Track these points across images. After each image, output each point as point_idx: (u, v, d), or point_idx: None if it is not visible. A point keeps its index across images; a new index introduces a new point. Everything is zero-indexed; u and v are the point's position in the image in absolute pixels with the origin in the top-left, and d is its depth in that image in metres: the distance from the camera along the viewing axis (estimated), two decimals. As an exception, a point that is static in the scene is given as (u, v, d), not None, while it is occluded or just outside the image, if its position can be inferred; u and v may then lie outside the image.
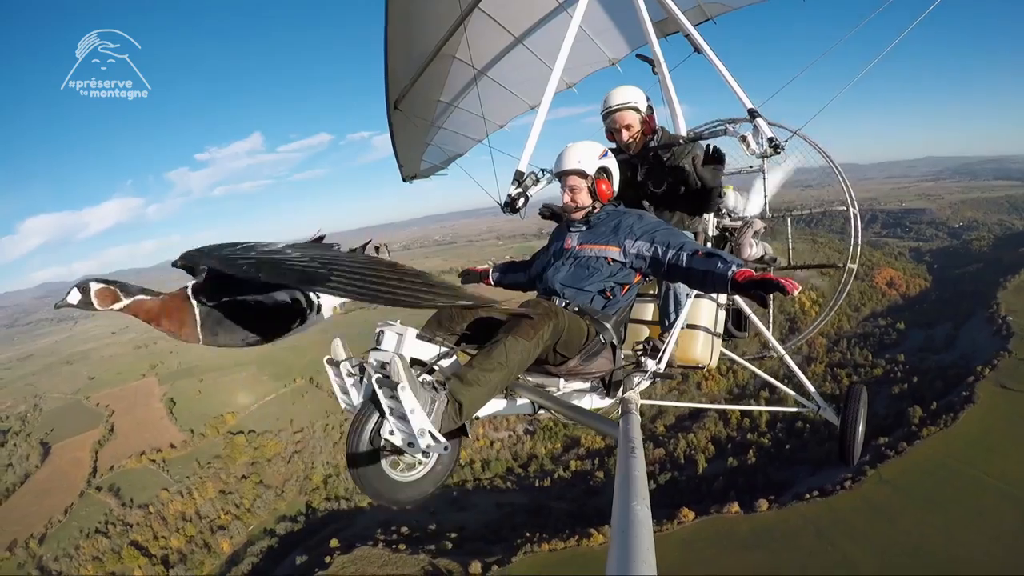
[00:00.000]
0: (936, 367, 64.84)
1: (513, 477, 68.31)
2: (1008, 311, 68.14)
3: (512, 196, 4.11)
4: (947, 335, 73.22)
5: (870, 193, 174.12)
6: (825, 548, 37.42)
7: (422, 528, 55.32)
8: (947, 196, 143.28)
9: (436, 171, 7.78)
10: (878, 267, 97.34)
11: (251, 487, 67.06)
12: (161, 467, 69.24)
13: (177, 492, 65.17)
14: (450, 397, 2.01)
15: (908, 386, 62.65)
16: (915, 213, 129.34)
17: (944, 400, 53.80)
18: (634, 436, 2.05)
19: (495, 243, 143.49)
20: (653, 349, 3.06)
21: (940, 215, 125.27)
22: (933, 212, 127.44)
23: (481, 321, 2.52)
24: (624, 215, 2.90)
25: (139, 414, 79.99)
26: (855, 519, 39.07)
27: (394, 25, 5.00)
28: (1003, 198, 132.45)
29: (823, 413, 4.17)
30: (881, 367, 70.52)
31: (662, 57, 4.57)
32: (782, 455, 57.51)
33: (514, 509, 59.62)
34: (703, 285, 2.54)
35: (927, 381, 61.25)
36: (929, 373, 63.42)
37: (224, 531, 61.74)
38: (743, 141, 3.87)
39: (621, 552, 1.17)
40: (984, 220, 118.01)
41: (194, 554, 58.85)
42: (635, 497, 1.45)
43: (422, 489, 2.29)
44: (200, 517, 62.98)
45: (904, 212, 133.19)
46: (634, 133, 3.73)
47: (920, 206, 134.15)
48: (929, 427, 48.64)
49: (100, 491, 65.72)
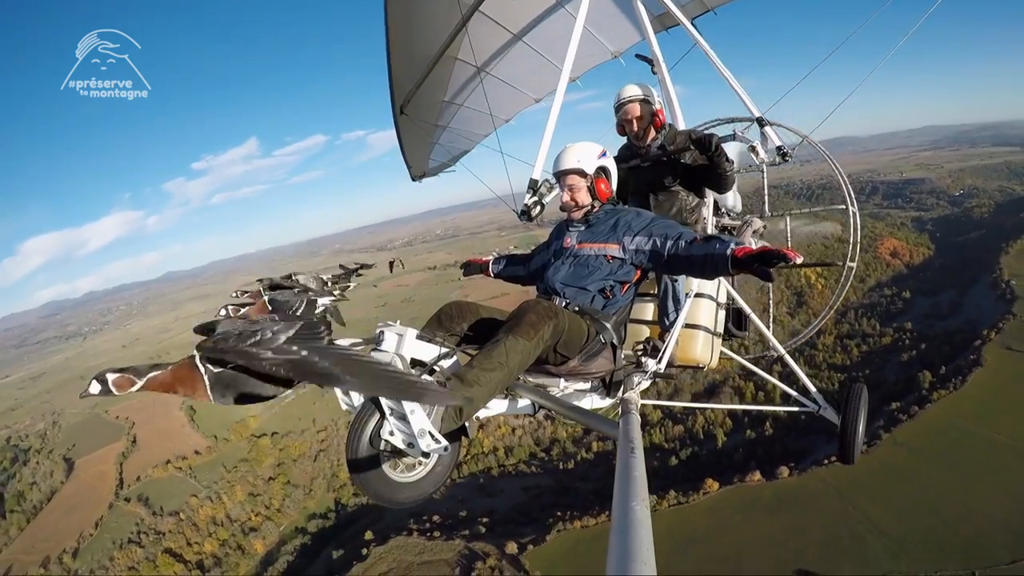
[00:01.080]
0: (943, 333, 67.11)
1: (537, 461, 70.60)
2: (1011, 275, 70.38)
3: (528, 205, 4.22)
4: (952, 301, 75.49)
5: (870, 165, 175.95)
6: (847, 508, 39.82)
7: (454, 515, 57.50)
8: (946, 165, 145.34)
9: (444, 168, 8.07)
10: (881, 238, 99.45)
11: (279, 488, 69.26)
12: (188, 474, 71.41)
13: (206, 498, 67.28)
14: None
15: (916, 353, 64.96)
16: (915, 183, 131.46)
17: (952, 364, 56.08)
18: (634, 436, 2.07)
19: (497, 234, 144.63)
20: (653, 349, 3.18)
21: (940, 184, 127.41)
22: (933, 181, 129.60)
23: (481, 321, 2.64)
24: (622, 213, 2.94)
25: (160, 424, 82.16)
26: (873, 480, 41.35)
27: (395, 32, 5.11)
28: (1002, 164, 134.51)
29: (823, 412, 4.18)
30: (889, 335, 72.89)
31: (661, 56, 4.81)
32: (799, 425, 59.55)
33: (541, 491, 62.03)
34: (705, 270, 2.51)
35: (935, 347, 63.51)
36: (936, 339, 65.71)
37: (256, 532, 63.84)
38: (752, 151, 4.17)
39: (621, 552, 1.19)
40: (984, 187, 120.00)
41: (228, 557, 60.89)
42: (635, 497, 1.48)
43: (422, 490, 2.33)
44: (231, 520, 65.12)
45: (904, 182, 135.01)
46: (644, 125, 3.89)
47: (920, 176, 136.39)
48: (939, 391, 51.01)
49: (129, 502, 67.80)
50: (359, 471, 2.13)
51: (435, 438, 1.91)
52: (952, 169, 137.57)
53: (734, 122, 4.85)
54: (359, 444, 2.11)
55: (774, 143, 4.18)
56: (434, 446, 1.91)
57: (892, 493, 40.01)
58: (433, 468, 2.36)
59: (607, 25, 5.98)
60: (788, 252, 2.03)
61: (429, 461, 2.33)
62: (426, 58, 5.50)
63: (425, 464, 2.34)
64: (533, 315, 2.29)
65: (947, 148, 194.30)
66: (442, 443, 1.92)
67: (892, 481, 40.85)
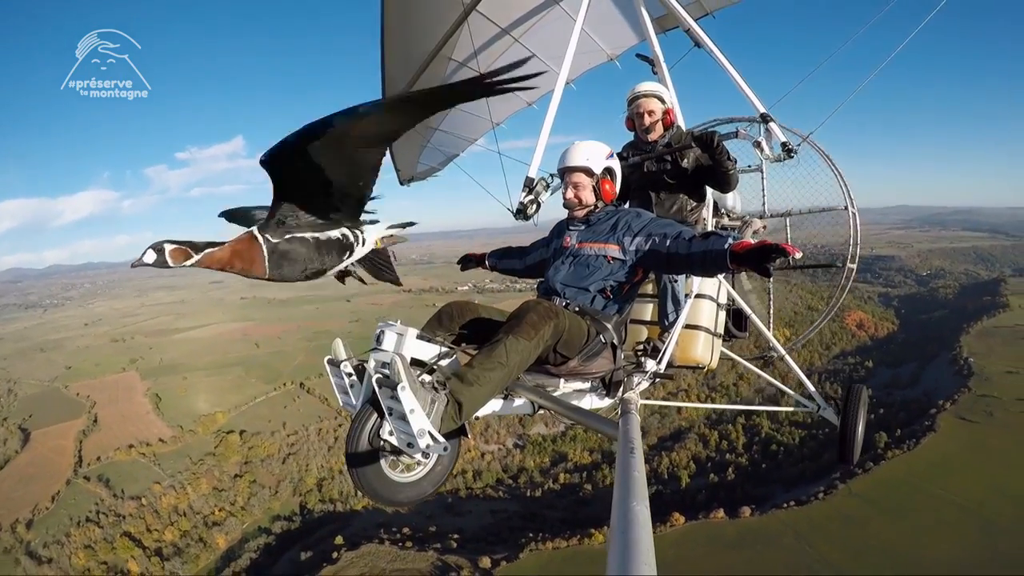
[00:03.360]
0: (901, 401, 72.38)
1: (504, 487, 72.77)
2: (970, 353, 75.60)
3: (523, 203, 4.25)
4: (912, 373, 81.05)
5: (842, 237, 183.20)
6: (804, 548, 44.34)
7: (423, 529, 59.39)
8: (916, 244, 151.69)
9: (433, 173, 8.16)
10: (848, 310, 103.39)
11: (245, 486, 70.03)
12: (152, 461, 71.70)
13: (170, 486, 67.79)
14: (450, 397, 2.07)
15: (875, 416, 69.55)
16: (885, 260, 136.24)
17: (908, 428, 61.27)
18: (634, 436, 2.11)
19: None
20: (653, 349, 3.34)
21: (909, 263, 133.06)
22: (902, 259, 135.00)
23: (481, 321, 2.70)
24: (622, 213, 2.99)
25: (123, 407, 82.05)
26: (829, 525, 46.06)
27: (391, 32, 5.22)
28: (970, 248, 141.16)
29: (823, 413, 4.30)
30: None
31: (661, 56, 4.86)
32: (759, 474, 64.04)
33: (509, 515, 64.26)
34: (705, 266, 2.55)
35: (892, 412, 68.42)
36: (894, 406, 70.81)
37: (219, 527, 64.44)
38: (757, 147, 4.19)
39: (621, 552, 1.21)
40: (951, 269, 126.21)
41: (189, 548, 61.39)
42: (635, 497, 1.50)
43: (421, 490, 2.39)
44: (194, 512, 65.61)
45: (874, 258, 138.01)
46: (654, 120, 3.97)
47: (890, 253, 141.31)
48: (893, 450, 55.97)
49: (89, 481, 67.68)
50: (359, 470, 2.19)
51: (435, 438, 1.94)
52: (922, 249, 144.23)
53: (734, 121, 4.97)
54: (358, 444, 2.18)
55: (779, 139, 4.23)
56: (433, 446, 1.95)
57: (846, 537, 44.55)
58: (433, 468, 2.42)
59: (604, 27, 6.13)
60: (787, 247, 2.08)
61: (429, 461, 2.39)
62: (421, 57, 5.73)
63: (425, 464, 2.39)
64: (534, 315, 2.35)
65: (918, 228, 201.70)
66: (441, 443, 1.96)
67: (846, 527, 45.49)
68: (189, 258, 2.31)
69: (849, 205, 4.82)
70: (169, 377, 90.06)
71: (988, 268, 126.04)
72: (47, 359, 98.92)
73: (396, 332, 2.34)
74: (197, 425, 78.31)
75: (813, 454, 63.24)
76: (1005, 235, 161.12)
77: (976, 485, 47.37)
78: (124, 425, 77.83)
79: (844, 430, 4.26)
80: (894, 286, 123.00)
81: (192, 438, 76.45)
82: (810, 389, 4.53)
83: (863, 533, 44.59)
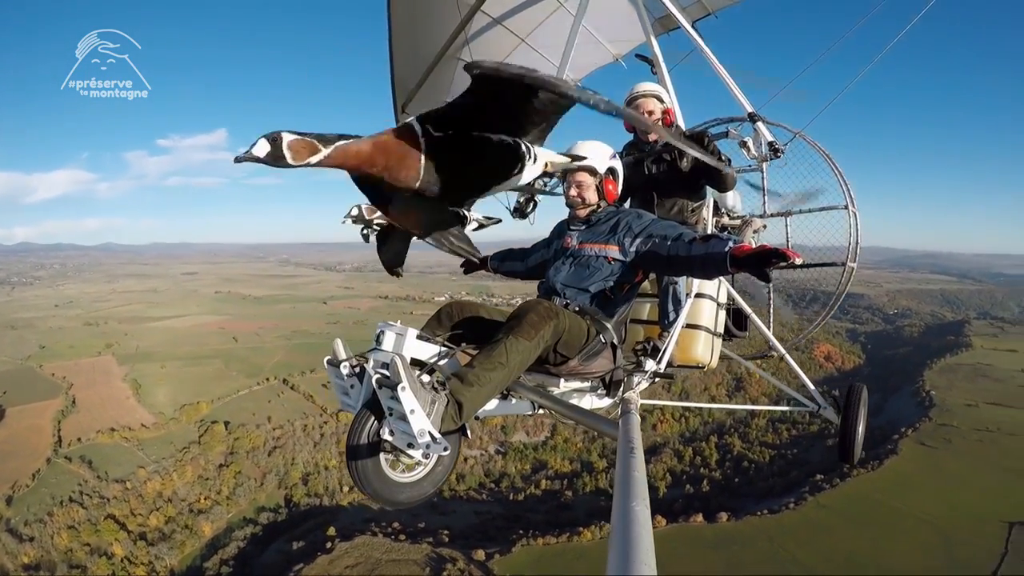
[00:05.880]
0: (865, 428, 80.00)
1: (487, 491, 75.95)
2: (932, 387, 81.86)
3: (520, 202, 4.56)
4: (876, 404, 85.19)
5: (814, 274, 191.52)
6: (777, 550, 50.06)
7: (412, 525, 62.06)
8: (885, 284, 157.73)
9: None
10: (817, 342, 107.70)
11: (231, 476, 72.05)
12: (136, 445, 73.30)
13: (155, 472, 69.48)
14: (450, 397, 2.11)
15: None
16: (855, 297, 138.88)
17: (871, 451, 67.11)
18: (634, 436, 2.15)
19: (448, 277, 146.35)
20: (653, 349, 3.41)
21: (877, 301, 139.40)
22: (871, 298, 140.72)
23: (482, 321, 2.79)
24: (623, 214, 3.06)
25: (101, 390, 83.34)
26: (799, 531, 51.90)
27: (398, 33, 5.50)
28: (937, 291, 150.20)
29: (823, 412, 4.46)
30: (817, 425, 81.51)
31: (661, 57, 5.03)
32: (731, 487, 69.39)
33: (493, 516, 67.53)
34: (705, 269, 2.61)
35: None
36: None
37: (205, 515, 66.24)
38: (743, 147, 4.33)
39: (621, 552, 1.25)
40: (917, 309, 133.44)
41: (175, 534, 63.05)
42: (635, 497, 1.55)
43: (422, 490, 2.44)
44: (180, 499, 67.42)
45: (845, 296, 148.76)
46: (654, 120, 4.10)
47: (860, 291, 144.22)
48: (858, 470, 61.24)
49: (71, 461, 68.96)
50: (359, 471, 2.23)
51: (435, 438, 1.99)
52: (890, 289, 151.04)
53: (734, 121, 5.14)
54: (358, 443, 2.22)
55: (766, 139, 4.28)
56: (434, 446, 1.99)
57: (816, 542, 50.43)
58: (433, 468, 2.46)
59: (609, 27, 6.31)
60: (788, 252, 2.11)
61: (429, 461, 2.42)
62: (428, 58, 5.87)
63: (425, 464, 2.43)
64: (534, 315, 2.41)
65: (888, 269, 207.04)
66: (442, 443, 2.00)
67: (816, 533, 51.48)
68: (316, 152, 1.91)
69: (849, 204, 4.87)
70: (146, 364, 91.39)
71: (954, 310, 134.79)
72: (19, 336, 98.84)
73: (396, 332, 2.44)
74: (180, 414, 80.00)
75: (781, 471, 69.91)
76: (973, 280, 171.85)
77: (934, 502, 53.99)
78: (104, 408, 79.15)
79: (845, 429, 4.39)
80: (862, 323, 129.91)
81: (175, 426, 78.14)
82: (811, 388, 4.67)
83: (831, 539, 50.66)
